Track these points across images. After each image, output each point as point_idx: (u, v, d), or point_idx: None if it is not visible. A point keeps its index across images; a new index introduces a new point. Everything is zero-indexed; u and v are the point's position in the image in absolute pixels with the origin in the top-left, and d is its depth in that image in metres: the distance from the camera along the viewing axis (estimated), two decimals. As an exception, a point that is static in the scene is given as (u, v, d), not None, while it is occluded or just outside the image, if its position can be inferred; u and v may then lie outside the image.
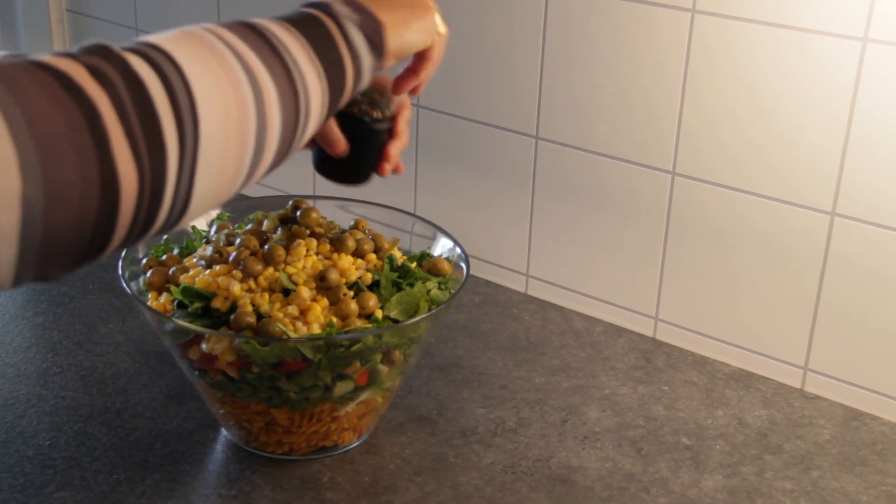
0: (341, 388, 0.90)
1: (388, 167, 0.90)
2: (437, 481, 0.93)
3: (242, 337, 0.86)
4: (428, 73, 0.87)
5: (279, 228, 0.97)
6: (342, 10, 0.73)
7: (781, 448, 0.99)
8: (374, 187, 1.38)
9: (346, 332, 0.87)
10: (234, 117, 0.60)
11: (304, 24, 0.70)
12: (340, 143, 0.87)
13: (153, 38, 0.59)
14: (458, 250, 1.00)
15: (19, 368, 1.08)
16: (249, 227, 1.00)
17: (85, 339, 1.14)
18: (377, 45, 0.75)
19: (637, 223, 1.17)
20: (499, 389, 1.07)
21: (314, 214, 0.97)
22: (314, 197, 1.06)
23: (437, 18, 0.84)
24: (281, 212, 1.00)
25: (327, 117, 0.72)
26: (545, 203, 1.24)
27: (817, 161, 1.03)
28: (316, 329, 0.87)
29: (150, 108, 0.55)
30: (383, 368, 0.91)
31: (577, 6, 1.14)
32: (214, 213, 1.05)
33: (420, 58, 0.86)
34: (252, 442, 0.96)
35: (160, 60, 0.57)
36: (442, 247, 1.02)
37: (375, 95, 0.88)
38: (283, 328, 0.86)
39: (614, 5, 1.11)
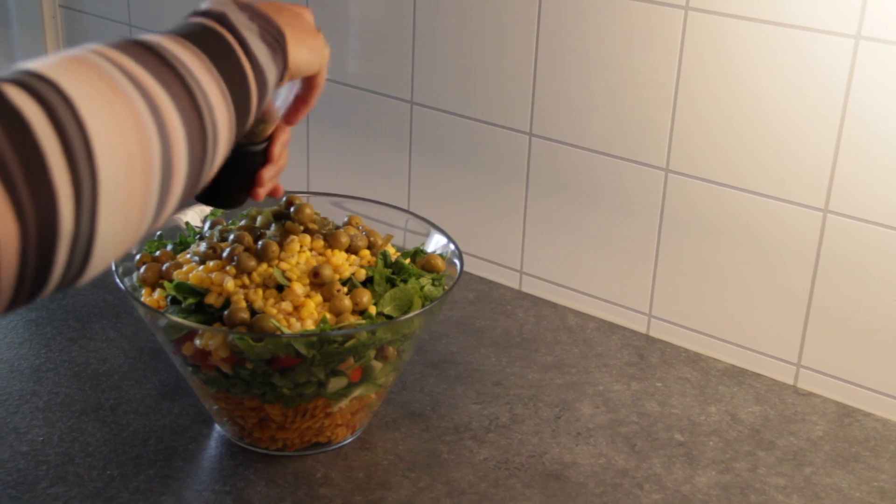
0: (335, 384, 0.90)
1: (261, 192, 0.87)
2: (430, 477, 0.93)
3: (236, 333, 0.86)
4: (315, 99, 0.83)
5: (273, 224, 0.97)
6: (239, 18, 0.67)
7: (774, 444, 1.00)
8: (368, 183, 1.38)
9: (339, 329, 0.87)
10: (137, 152, 0.52)
11: (201, 39, 0.63)
12: None
13: (34, 65, 0.50)
14: (452, 247, 1.00)
15: (12, 364, 1.08)
16: (243, 223, 1.00)
17: (78, 336, 1.14)
18: (280, 55, 0.69)
19: (630, 220, 1.17)
20: (492, 386, 1.08)
21: (308, 210, 0.97)
22: (308, 193, 1.06)
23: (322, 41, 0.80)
24: (275, 208, 1.00)
25: (236, 138, 0.64)
26: (539, 200, 1.24)
27: (810, 158, 1.03)
28: (310, 325, 0.87)
29: (32, 148, 0.46)
30: (377, 365, 0.91)
31: (570, 3, 1.14)
32: (208, 209, 1.05)
33: (309, 85, 0.82)
34: (246, 438, 0.96)
35: (45, 91, 0.48)
36: (436, 243, 1.02)
37: None
38: (277, 324, 0.86)
39: (608, 2, 1.11)
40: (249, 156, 0.85)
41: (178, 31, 0.63)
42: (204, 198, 0.87)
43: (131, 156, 0.52)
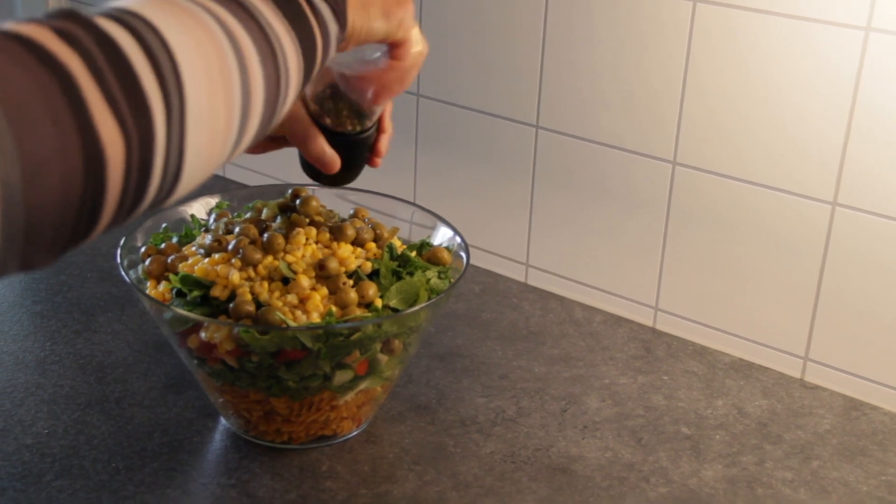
0: (340, 377, 0.90)
1: (379, 160, 0.92)
2: (436, 471, 0.93)
3: (241, 326, 0.85)
4: (399, 79, 0.82)
5: (278, 217, 0.97)
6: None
7: (781, 438, 0.99)
8: (374, 176, 1.37)
9: (345, 322, 0.87)
10: (218, 76, 0.56)
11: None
12: (335, 162, 0.88)
13: (123, 3, 0.55)
14: (458, 239, 0.99)
15: (17, 357, 1.08)
16: (249, 215, 0.99)
17: (83, 328, 1.14)
18: (339, 13, 0.70)
19: (638, 213, 1.17)
20: (498, 379, 1.07)
21: (314, 203, 0.97)
22: (314, 185, 1.06)
23: (416, 31, 0.81)
24: (280, 200, 0.99)
25: (304, 84, 0.68)
26: (545, 192, 1.23)
27: (819, 150, 1.02)
28: (315, 318, 0.87)
29: (128, 69, 0.50)
30: (383, 358, 0.91)
31: (577, -6, 1.13)
32: (214, 202, 1.05)
33: (391, 57, 0.81)
34: (251, 431, 0.95)
35: (134, 21, 0.52)
36: (442, 236, 1.01)
37: (356, 107, 0.87)
38: (283, 317, 0.86)
39: (615, -7, 1.11)
40: (367, 140, 0.90)
41: None
42: (332, 180, 0.92)
43: (213, 78, 0.55)
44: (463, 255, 0.98)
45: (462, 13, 1.23)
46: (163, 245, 0.97)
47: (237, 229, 0.94)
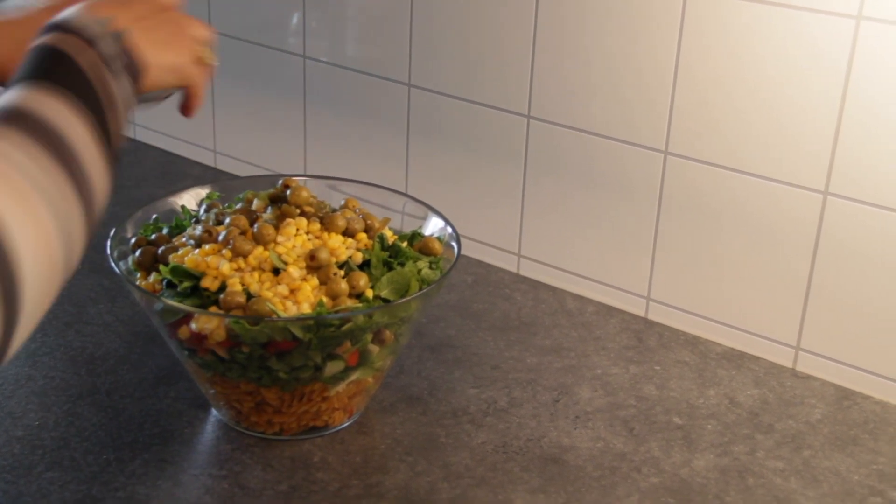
0: (332, 367, 0.90)
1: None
2: (427, 461, 0.93)
3: (232, 317, 0.85)
4: (198, 106, 0.80)
5: (269, 208, 0.96)
6: (98, 32, 0.66)
7: (773, 427, 0.99)
8: (365, 166, 1.37)
9: (336, 312, 0.86)
10: (47, 260, 0.58)
11: (58, 70, 0.63)
12: None
13: None
14: (450, 230, 0.99)
15: (8, 349, 1.08)
16: (239, 206, 0.99)
17: (74, 320, 1.14)
18: (130, 70, 0.68)
19: (629, 203, 1.16)
20: (490, 369, 1.07)
21: (304, 193, 0.96)
22: (305, 176, 1.06)
23: (206, 51, 0.78)
24: (271, 191, 0.99)
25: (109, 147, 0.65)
26: (537, 183, 1.23)
27: (810, 140, 1.02)
28: (306, 308, 0.87)
29: None
30: (374, 348, 0.91)
31: (569, -16, 1.13)
32: (204, 193, 1.04)
33: (187, 96, 0.79)
34: (242, 422, 0.95)
35: None
36: (433, 226, 1.01)
37: None
38: (273, 308, 0.86)
39: (607, -17, 1.10)
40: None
41: (38, 68, 0.63)
42: None
43: (50, 272, 0.59)
44: (454, 245, 0.97)
45: (453, 3, 1.23)
46: (153, 236, 0.97)
47: (227, 220, 0.94)
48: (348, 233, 0.94)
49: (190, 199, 1.04)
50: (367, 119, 1.36)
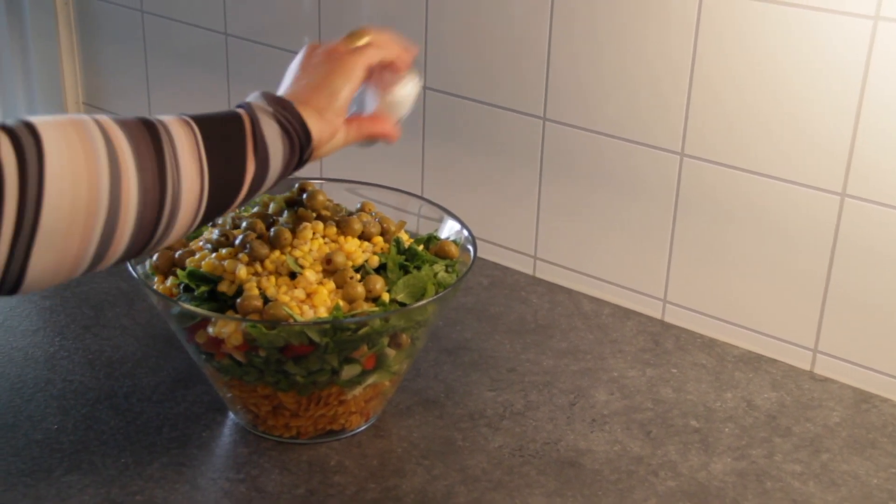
0: (348, 371, 0.90)
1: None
2: (444, 465, 0.93)
3: (249, 321, 0.85)
4: (389, 138, 0.89)
5: (285, 211, 0.96)
6: (259, 104, 0.78)
7: (791, 431, 0.99)
8: (381, 169, 1.37)
9: (352, 316, 0.87)
10: (84, 208, 0.64)
11: (215, 121, 0.74)
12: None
13: (38, 120, 0.63)
14: (466, 233, 0.99)
15: (27, 352, 1.08)
16: (255, 209, 0.99)
17: (92, 323, 1.14)
18: (295, 133, 0.78)
19: (645, 205, 1.16)
20: (507, 372, 1.07)
21: (321, 197, 0.97)
22: (321, 179, 1.06)
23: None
24: (287, 194, 0.99)
25: (218, 209, 0.75)
26: (553, 185, 1.23)
27: (827, 142, 1.02)
28: (322, 312, 0.87)
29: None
30: (390, 352, 0.91)
31: (584, -14, 1.13)
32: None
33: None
34: (259, 426, 0.95)
35: (26, 142, 0.61)
36: (449, 229, 1.01)
37: None
38: (290, 312, 0.86)
39: (622, -15, 1.10)
40: None
41: (211, 114, 0.75)
42: None
43: (77, 210, 0.63)
44: (470, 248, 0.97)
45: (468, 6, 1.23)
46: (170, 240, 0.97)
47: (244, 224, 0.94)
48: (364, 236, 0.94)
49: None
50: (382, 122, 1.36)
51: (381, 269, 0.92)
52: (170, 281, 0.92)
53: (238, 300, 0.87)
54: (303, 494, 0.89)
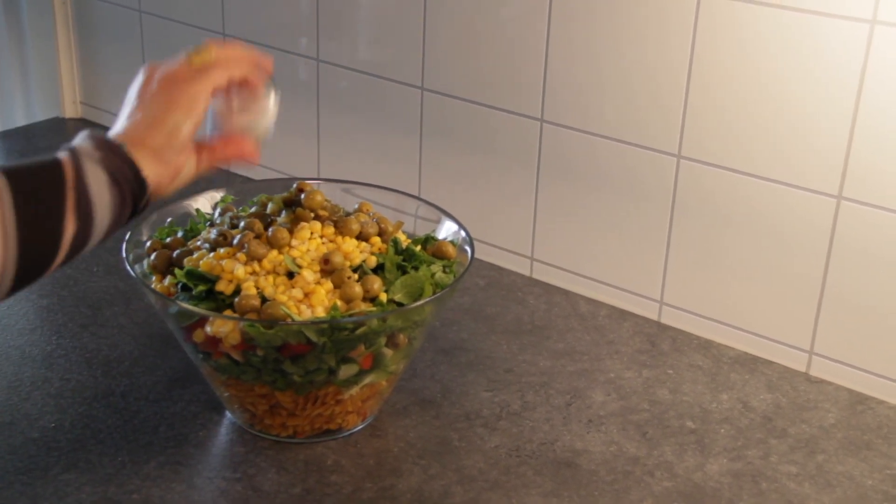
0: (346, 371, 0.90)
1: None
2: (441, 465, 0.93)
3: (246, 320, 0.85)
4: (243, 160, 0.85)
5: (283, 211, 0.97)
6: (86, 147, 0.72)
7: (786, 432, 0.99)
8: (378, 170, 1.38)
9: (350, 316, 0.87)
10: None
11: (29, 172, 0.69)
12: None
13: None
14: (463, 233, 0.99)
15: (24, 351, 1.08)
16: (253, 209, 0.99)
17: (89, 322, 1.14)
18: (126, 181, 0.73)
19: (642, 206, 1.16)
20: (503, 373, 1.07)
21: (318, 197, 0.97)
22: (319, 179, 1.06)
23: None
24: (285, 194, 0.99)
25: (31, 274, 0.69)
26: (550, 186, 1.23)
27: (824, 144, 1.02)
28: (320, 312, 0.87)
29: None
30: (388, 352, 0.91)
31: (582, -12, 1.13)
32: (219, 196, 1.05)
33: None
34: (256, 425, 0.96)
35: None
36: (446, 230, 1.01)
37: None
38: (288, 311, 0.86)
39: (620, -13, 1.10)
40: None
41: (23, 163, 0.69)
42: None
43: None
44: (468, 248, 0.98)
45: (465, 7, 1.23)
46: (168, 239, 0.98)
47: (242, 223, 0.94)
48: (362, 236, 0.94)
49: (205, 202, 1.04)
50: (380, 122, 1.36)
51: (378, 270, 0.92)
52: (168, 280, 0.92)
53: (236, 299, 0.87)
54: (299, 494, 0.89)
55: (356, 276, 0.90)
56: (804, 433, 0.99)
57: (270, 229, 0.92)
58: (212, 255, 0.91)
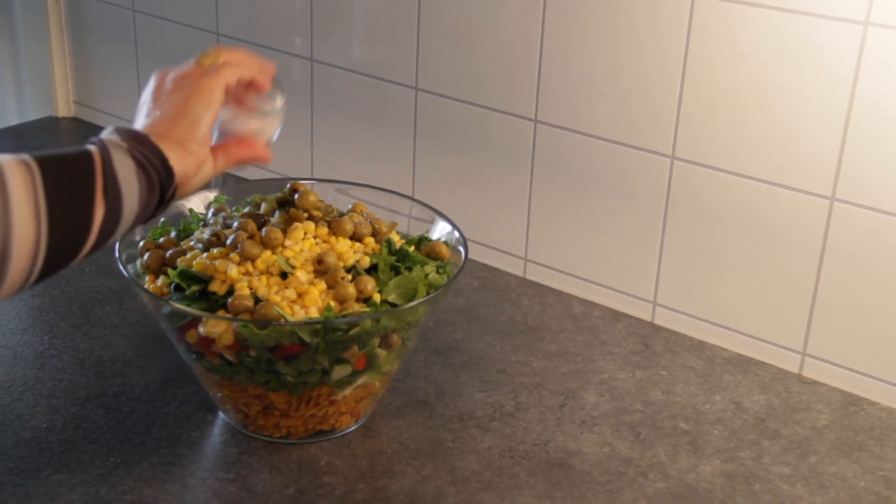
0: (339, 371, 0.90)
1: None
2: (434, 465, 0.93)
3: (240, 321, 0.85)
4: (257, 159, 0.87)
5: (277, 211, 0.96)
6: (113, 139, 0.73)
7: (779, 433, 0.99)
8: (372, 170, 1.38)
9: (343, 316, 0.87)
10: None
11: (60, 161, 0.69)
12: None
13: None
14: (457, 234, 0.99)
15: (16, 351, 1.08)
16: (247, 209, 0.99)
17: (82, 322, 1.14)
18: (154, 170, 0.73)
19: (636, 207, 1.17)
20: (497, 374, 1.07)
21: (312, 197, 0.97)
22: (312, 180, 1.06)
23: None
24: (279, 194, 0.99)
25: (63, 257, 0.69)
26: (544, 187, 1.23)
27: (817, 146, 1.02)
28: (314, 313, 0.87)
29: None
30: (381, 352, 0.91)
31: (576, -11, 1.13)
32: (212, 196, 1.05)
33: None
34: (249, 425, 0.95)
35: None
36: (440, 230, 1.01)
37: None
38: (281, 312, 0.86)
39: (614, -12, 1.10)
40: None
41: (53, 152, 0.70)
42: None
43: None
44: (461, 249, 0.98)
45: (459, 7, 1.23)
46: (161, 239, 0.97)
47: (235, 224, 0.94)
48: (356, 237, 0.94)
49: (198, 202, 1.04)
50: (374, 122, 1.36)
51: (372, 270, 0.92)
52: (161, 280, 0.92)
53: (229, 300, 0.87)
54: (292, 494, 0.89)
55: (350, 276, 0.90)
56: (797, 434, 0.99)
57: (264, 229, 0.92)
58: (205, 255, 0.91)
